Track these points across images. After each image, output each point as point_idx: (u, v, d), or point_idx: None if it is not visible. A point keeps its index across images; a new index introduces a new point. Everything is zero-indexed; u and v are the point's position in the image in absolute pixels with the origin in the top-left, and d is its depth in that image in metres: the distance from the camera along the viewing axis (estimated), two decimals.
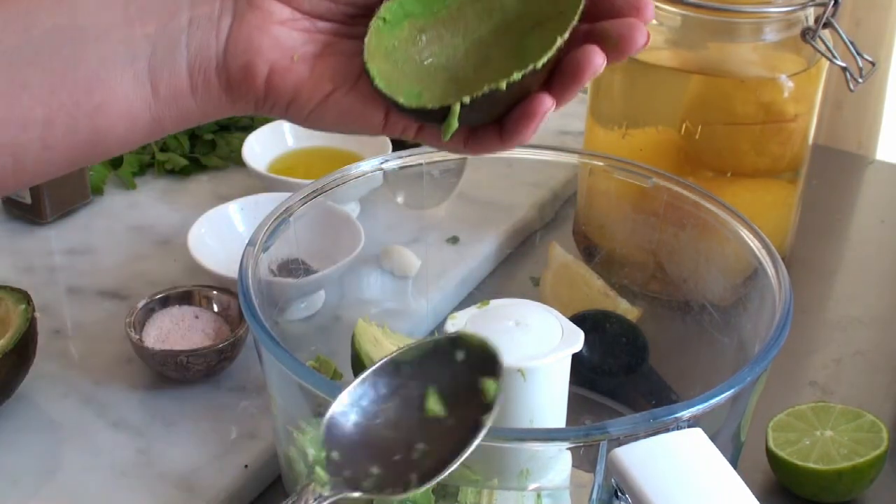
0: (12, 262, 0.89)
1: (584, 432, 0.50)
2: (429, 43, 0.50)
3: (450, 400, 0.47)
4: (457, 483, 0.57)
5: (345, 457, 0.46)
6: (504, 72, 0.47)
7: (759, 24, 0.81)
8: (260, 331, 0.55)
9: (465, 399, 0.47)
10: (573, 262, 0.79)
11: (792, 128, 0.84)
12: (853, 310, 0.89)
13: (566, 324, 0.60)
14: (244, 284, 0.59)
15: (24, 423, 0.73)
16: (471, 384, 0.47)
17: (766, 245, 0.63)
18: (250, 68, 0.49)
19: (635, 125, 0.85)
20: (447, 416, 0.47)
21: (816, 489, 0.70)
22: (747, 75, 0.82)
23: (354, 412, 0.47)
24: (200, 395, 0.75)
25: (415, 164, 0.72)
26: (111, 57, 0.48)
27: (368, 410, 0.47)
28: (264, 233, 0.63)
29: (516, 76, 0.46)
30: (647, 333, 0.76)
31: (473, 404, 0.47)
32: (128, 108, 0.49)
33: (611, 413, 0.74)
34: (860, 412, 0.71)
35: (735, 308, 0.68)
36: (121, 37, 0.48)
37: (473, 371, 0.47)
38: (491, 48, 0.50)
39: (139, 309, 0.77)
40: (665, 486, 0.46)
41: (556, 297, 0.77)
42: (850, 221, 1.04)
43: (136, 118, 0.49)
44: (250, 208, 0.87)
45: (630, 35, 0.47)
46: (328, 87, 0.50)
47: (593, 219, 0.86)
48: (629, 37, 0.47)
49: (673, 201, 0.69)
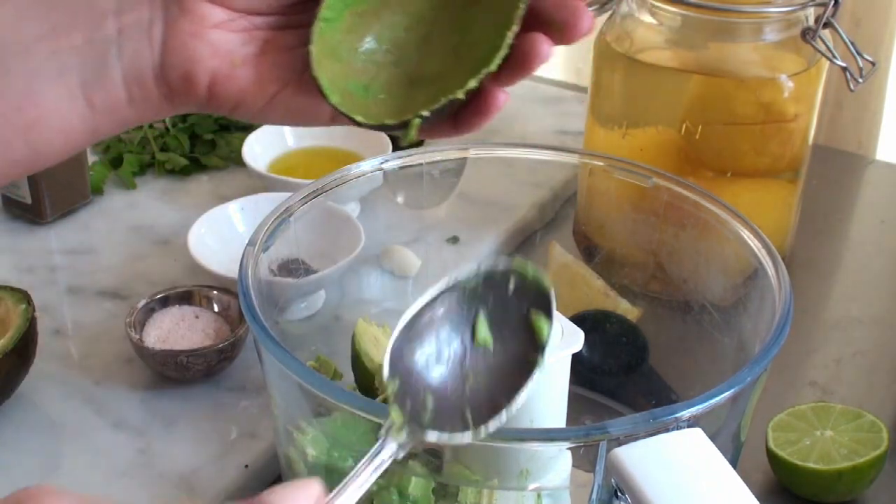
0: (12, 262, 0.89)
1: (584, 432, 0.50)
2: (370, 28, 0.49)
3: (500, 331, 0.45)
4: (457, 483, 0.57)
5: (404, 386, 0.44)
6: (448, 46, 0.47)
7: (759, 24, 0.81)
8: (260, 331, 0.55)
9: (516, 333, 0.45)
10: (573, 262, 0.79)
11: (792, 128, 0.84)
12: (853, 310, 0.89)
13: (566, 324, 0.60)
14: (244, 284, 0.59)
15: (24, 423, 0.73)
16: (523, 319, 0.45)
17: (766, 245, 0.63)
18: (190, 78, 0.48)
19: (635, 125, 0.85)
20: (497, 348, 0.45)
21: (816, 489, 0.70)
22: (747, 75, 0.82)
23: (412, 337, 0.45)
24: (200, 395, 0.75)
25: (415, 164, 0.72)
26: (39, 71, 0.46)
27: (424, 336, 0.45)
28: (264, 233, 0.63)
29: (473, 84, 0.46)
30: (647, 333, 0.76)
31: (523, 340, 0.45)
32: (63, 124, 0.47)
33: (611, 413, 0.74)
34: (860, 412, 0.71)
35: (735, 308, 0.68)
36: (46, 50, 0.46)
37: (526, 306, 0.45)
38: (433, 24, 0.49)
39: (139, 309, 0.77)
40: (665, 486, 0.46)
41: (557, 297, 0.77)
42: (850, 221, 1.04)
43: (72, 131, 0.47)
44: (250, 208, 0.87)
45: (573, 22, 0.46)
46: (273, 88, 0.49)
47: (593, 219, 0.86)
48: (573, 24, 0.46)
49: (673, 201, 0.69)
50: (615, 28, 0.85)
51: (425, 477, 0.58)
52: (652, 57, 0.84)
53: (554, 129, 1.12)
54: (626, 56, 0.84)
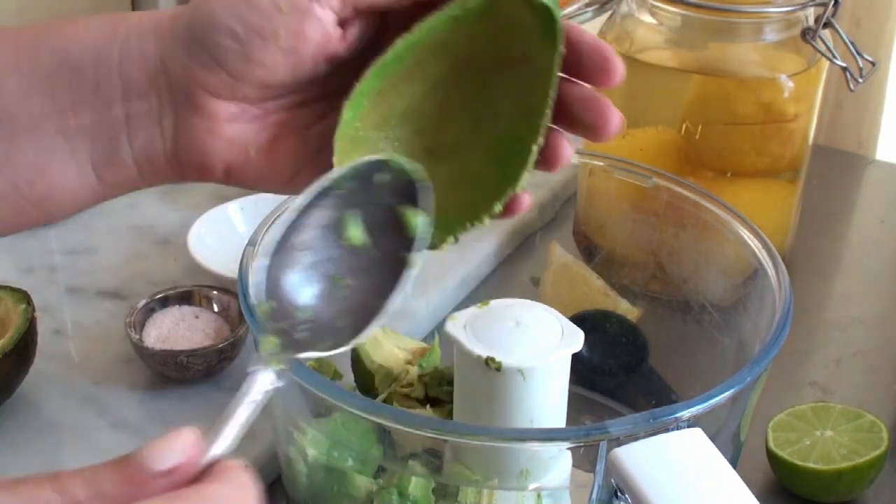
0: (12, 262, 0.89)
1: (584, 432, 0.50)
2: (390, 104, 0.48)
3: (372, 229, 0.44)
4: (457, 483, 0.57)
5: (279, 304, 0.42)
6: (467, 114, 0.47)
7: (759, 24, 0.81)
8: (259, 330, 0.55)
9: (388, 230, 0.44)
10: (573, 262, 0.79)
11: (792, 128, 0.84)
12: (853, 310, 0.89)
13: (566, 324, 0.60)
14: (244, 284, 0.59)
15: (24, 423, 0.73)
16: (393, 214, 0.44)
17: (766, 245, 0.63)
18: (205, 166, 0.47)
19: (635, 125, 0.85)
20: (370, 247, 0.43)
21: (816, 489, 0.69)
22: (747, 75, 0.82)
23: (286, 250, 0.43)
24: (200, 395, 0.75)
25: None
26: (49, 148, 0.46)
27: (297, 245, 0.43)
28: (264, 233, 0.63)
29: (498, 208, 0.46)
30: (647, 333, 0.76)
31: (396, 237, 0.43)
32: (73, 196, 0.47)
33: (611, 413, 0.74)
34: (860, 412, 0.71)
35: (735, 308, 0.68)
36: (55, 127, 0.46)
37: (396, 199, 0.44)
38: (453, 88, 0.48)
39: (139, 309, 0.77)
40: (665, 486, 0.46)
41: (556, 297, 0.77)
42: (850, 221, 1.04)
43: (82, 200, 0.48)
44: (250, 208, 0.87)
45: (601, 124, 0.46)
46: (289, 172, 0.48)
47: (593, 219, 0.86)
48: (601, 126, 0.46)
49: (673, 201, 0.69)
50: (615, 28, 0.85)
51: (425, 477, 0.58)
52: (652, 57, 0.84)
53: None
54: (626, 56, 0.84)
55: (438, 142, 0.48)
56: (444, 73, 0.47)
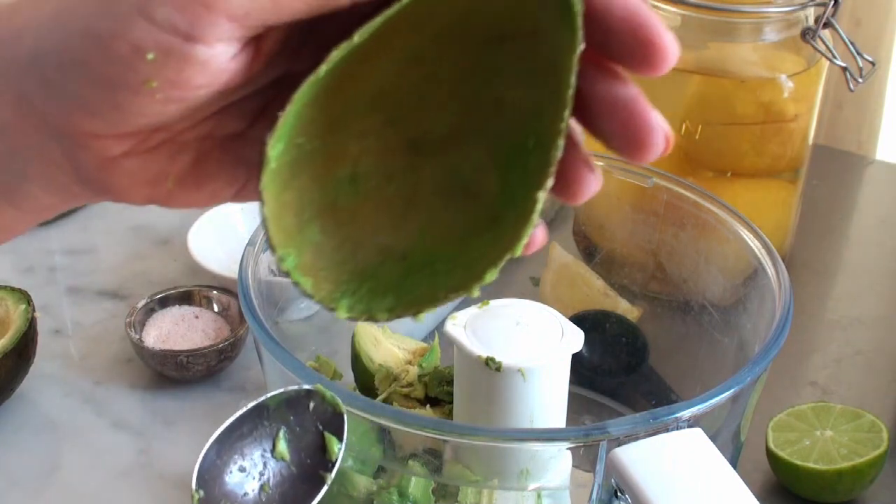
0: (12, 262, 0.89)
1: (584, 432, 0.50)
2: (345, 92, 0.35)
3: (297, 446, 0.48)
4: (457, 483, 0.57)
5: (208, 496, 0.47)
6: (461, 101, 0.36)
7: (759, 24, 0.81)
8: (260, 331, 0.55)
9: (311, 450, 0.49)
10: (573, 262, 0.79)
11: (792, 128, 0.84)
12: (853, 310, 0.89)
13: (566, 324, 0.60)
14: (244, 284, 0.59)
15: (24, 423, 0.73)
16: (317, 437, 0.49)
17: (766, 245, 0.63)
18: (122, 199, 0.38)
19: None
20: (293, 463, 0.48)
21: (816, 489, 0.69)
22: (747, 75, 0.82)
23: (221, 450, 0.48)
24: (200, 395, 0.75)
25: None
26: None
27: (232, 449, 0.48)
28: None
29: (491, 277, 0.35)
30: (647, 333, 0.75)
31: (318, 457, 0.48)
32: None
33: (611, 413, 0.74)
34: (860, 412, 0.71)
35: (735, 308, 0.68)
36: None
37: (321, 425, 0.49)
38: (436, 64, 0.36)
39: (139, 309, 0.77)
40: (665, 486, 0.46)
41: (556, 297, 0.77)
42: (850, 221, 1.04)
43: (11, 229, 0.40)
44: (250, 208, 0.86)
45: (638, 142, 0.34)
46: (233, 188, 0.38)
47: (593, 219, 0.86)
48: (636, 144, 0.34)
49: (673, 201, 0.69)
50: None
51: (425, 477, 0.58)
52: None
53: None
54: None
55: (423, 133, 0.37)
56: (423, 46, 0.35)
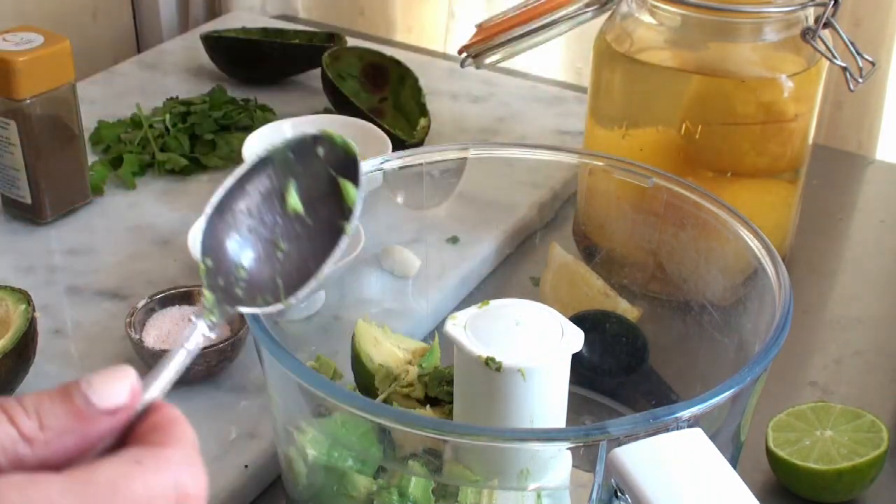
0: (12, 262, 0.89)
1: (584, 432, 0.50)
2: None
3: (310, 198, 0.46)
4: (457, 483, 0.57)
5: (216, 264, 0.45)
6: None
7: (759, 24, 0.81)
8: (260, 331, 0.55)
9: (325, 200, 0.46)
10: (573, 262, 0.79)
11: (792, 128, 0.84)
12: (853, 310, 0.89)
13: (566, 324, 0.60)
14: None
15: None
16: (331, 185, 0.46)
17: (766, 245, 0.63)
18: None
19: (635, 125, 0.85)
20: (307, 215, 0.46)
21: (816, 489, 0.70)
22: (747, 75, 0.82)
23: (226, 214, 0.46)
24: (200, 395, 0.75)
25: (415, 164, 0.72)
26: None
27: (237, 211, 0.46)
28: None
29: None
30: (647, 333, 0.75)
31: (333, 206, 0.46)
32: None
33: (611, 413, 0.74)
34: (860, 412, 0.71)
35: (735, 308, 0.68)
36: None
37: (334, 171, 0.46)
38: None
39: (139, 309, 0.77)
40: (665, 486, 0.46)
41: (556, 297, 0.77)
42: (850, 221, 1.04)
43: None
44: None
45: None
46: None
47: (593, 219, 0.86)
48: None
49: (673, 201, 0.69)
50: (615, 28, 0.85)
51: (425, 477, 0.58)
52: (652, 57, 0.84)
53: (554, 129, 1.12)
54: (626, 56, 0.84)
55: None
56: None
